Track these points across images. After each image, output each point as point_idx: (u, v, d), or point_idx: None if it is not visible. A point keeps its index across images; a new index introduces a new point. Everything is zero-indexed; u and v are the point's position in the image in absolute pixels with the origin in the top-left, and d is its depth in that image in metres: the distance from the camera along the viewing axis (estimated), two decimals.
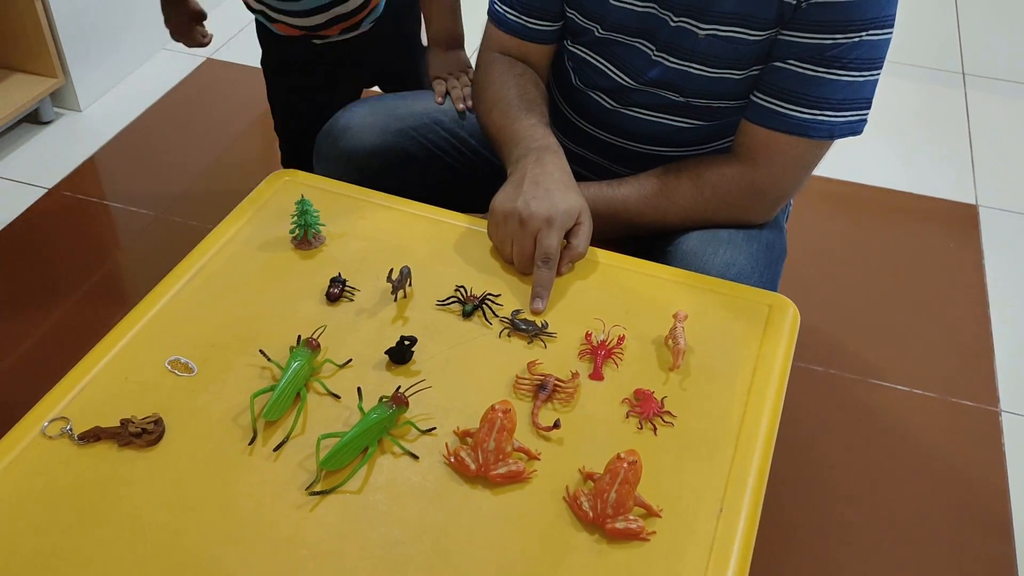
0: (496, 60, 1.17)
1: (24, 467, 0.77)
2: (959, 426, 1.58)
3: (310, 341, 0.86)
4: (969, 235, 2.01)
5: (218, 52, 2.51)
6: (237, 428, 0.80)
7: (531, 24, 1.13)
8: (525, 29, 1.13)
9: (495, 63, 1.16)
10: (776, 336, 0.91)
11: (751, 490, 0.77)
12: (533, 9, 1.12)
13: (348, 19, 1.37)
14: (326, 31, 1.39)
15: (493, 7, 1.16)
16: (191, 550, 0.71)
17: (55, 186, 2.02)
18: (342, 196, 1.07)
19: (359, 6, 1.37)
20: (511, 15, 1.13)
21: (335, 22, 1.36)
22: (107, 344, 0.87)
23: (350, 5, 1.35)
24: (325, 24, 1.37)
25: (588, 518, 0.74)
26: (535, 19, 1.12)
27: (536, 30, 1.13)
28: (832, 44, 0.95)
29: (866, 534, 1.41)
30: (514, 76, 1.14)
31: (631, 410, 0.83)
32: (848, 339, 1.74)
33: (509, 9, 1.13)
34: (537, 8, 1.11)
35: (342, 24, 1.37)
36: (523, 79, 1.14)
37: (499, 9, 1.15)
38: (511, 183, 1.00)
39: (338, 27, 1.38)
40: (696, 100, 1.07)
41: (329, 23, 1.36)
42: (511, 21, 1.13)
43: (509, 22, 1.14)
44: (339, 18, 1.36)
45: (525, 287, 0.96)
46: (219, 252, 0.98)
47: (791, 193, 1.07)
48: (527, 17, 1.12)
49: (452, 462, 0.78)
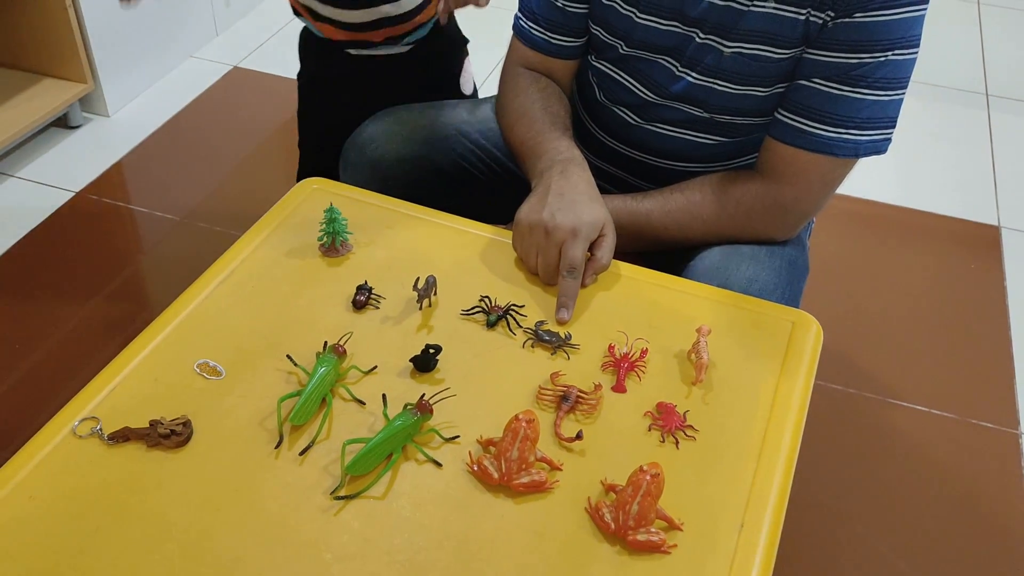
0: (520, 74, 1.18)
1: (54, 466, 0.78)
2: (978, 447, 1.57)
3: (336, 347, 0.87)
4: (991, 256, 2.00)
5: (245, 61, 2.54)
6: (263, 432, 0.81)
7: (555, 40, 1.14)
8: (549, 45, 1.15)
9: (519, 77, 1.18)
10: (799, 353, 0.92)
11: (772, 507, 0.77)
12: (557, 25, 1.13)
13: (395, 24, 1.34)
14: (370, 34, 1.36)
15: (518, 23, 1.17)
16: (217, 551, 0.72)
17: (82, 190, 2.05)
18: (370, 205, 1.08)
19: (408, 12, 1.35)
20: (536, 31, 1.14)
21: (382, 24, 1.34)
22: (137, 346, 0.88)
23: (400, 6, 1.33)
24: (371, 25, 1.34)
25: (610, 529, 0.74)
26: (559, 35, 1.13)
27: (560, 46, 1.14)
28: (858, 63, 0.95)
29: (883, 555, 1.40)
30: (538, 90, 1.15)
31: (653, 423, 0.84)
32: (867, 358, 1.73)
33: (534, 25, 1.14)
34: (561, 24, 1.13)
35: (388, 29, 1.35)
36: (547, 93, 1.15)
37: (523, 25, 1.16)
38: (536, 195, 1.01)
39: (383, 32, 1.35)
40: (720, 116, 1.08)
41: (375, 24, 1.34)
42: (535, 37, 1.15)
43: (533, 38, 1.15)
44: (386, 20, 1.34)
45: (549, 298, 0.96)
46: (248, 258, 0.99)
47: (815, 210, 1.07)
48: (551, 33, 1.14)
49: (475, 470, 0.78)
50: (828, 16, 0.94)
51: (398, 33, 1.36)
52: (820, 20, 0.95)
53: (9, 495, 0.75)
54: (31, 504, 0.75)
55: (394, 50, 1.39)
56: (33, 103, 2.11)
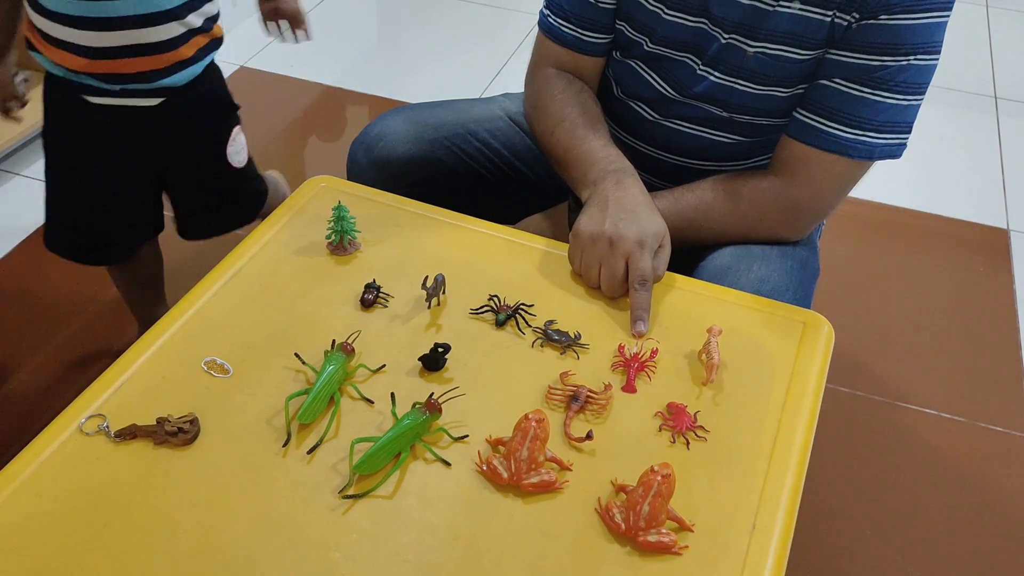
0: (553, 76, 1.16)
1: (61, 463, 0.77)
2: (988, 451, 1.56)
3: (344, 345, 0.86)
4: (1000, 259, 1.99)
5: (251, 61, 2.53)
6: (271, 430, 0.81)
7: (586, 37, 1.13)
8: (580, 42, 1.13)
9: (552, 79, 1.15)
10: (810, 354, 0.91)
11: (784, 509, 0.77)
12: (588, 21, 1.12)
13: (146, 54, 1.13)
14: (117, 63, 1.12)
15: (547, 21, 1.15)
16: (224, 550, 0.71)
17: None
18: (378, 203, 1.08)
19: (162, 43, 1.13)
20: (566, 28, 1.13)
21: (129, 53, 1.12)
22: (145, 343, 0.88)
23: (151, 34, 1.12)
24: (117, 52, 1.11)
25: (620, 530, 0.73)
26: (590, 32, 1.12)
27: (590, 42, 1.13)
28: (880, 66, 0.95)
29: (891, 559, 1.39)
30: (574, 94, 1.13)
31: (664, 424, 0.83)
32: (876, 361, 1.72)
33: (564, 22, 1.13)
34: (592, 20, 1.11)
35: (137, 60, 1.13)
36: (583, 96, 1.14)
37: (553, 23, 1.14)
38: (594, 206, 0.99)
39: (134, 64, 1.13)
40: (740, 116, 1.07)
41: (122, 52, 1.12)
42: (566, 34, 1.13)
43: (564, 35, 1.14)
44: (135, 49, 1.12)
45: (558, 297, 0.96)
46: (256, 255, 0.99)
47: (827, 211, 1.07)
48: (582, 30, 1.12)
49: (484, 470, 0.78)
50: (853, 18, 0.94)
51: (148, 69, 1.15)
52: (845, 22, 0.95)
53: (15, 493, 0.75)
54: (37, 502, 0.74)
55: (142, 102, 1.18)
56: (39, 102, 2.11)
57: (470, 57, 2.60)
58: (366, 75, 2.50)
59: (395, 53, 2.64)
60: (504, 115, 1.28)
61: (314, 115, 2.36)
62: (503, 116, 1.28)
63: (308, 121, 2.34)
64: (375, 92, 2.43)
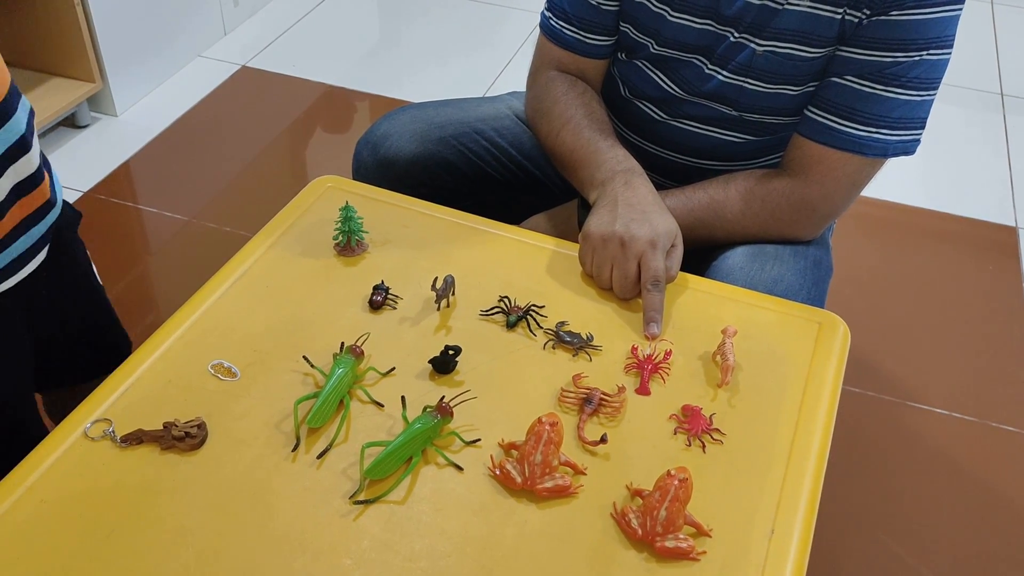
0: (556, 78, 1.14)
1: (66, 468, 0.76)
2: (998, 450, 1.55)
3: (354, 348, 0.85)
4: (1009, 257, 1.97)
5: (253, 60, 2.52)
6: (280, 434, 0.79)
7: (589, 39, 1.11)
8: (582, 45, 1.12)
9: (555, 81, 1.14)
10: (826, 354, 0.89)
11: (803, 512, 0.75)
12: (590, 24, 1.10)
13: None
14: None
15: (548, 23, 1.14)
16: (232, 556, 0.70)
17: (90, 189, 2.04)
18: (385, 204, 1.06)
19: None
20: (568, 30, 1.12)
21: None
22: (150, 346, 0.86)
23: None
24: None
25: (637, 536, 0.72)
26: (592, 34, 1.11)
27: (593, 45, 1.12)
28: (892, 62, 0.93)
29: (901, 558, 1.38)
30: (577, 95, 1.12)
31: (679, 426, 0.82)
32: (886, 360, 1.71)
33: (566, 25, 1.11)
34: (595, 23, 1.10)
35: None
36: (587, 97, 1.12)
37: (555, 25, 1.13)
38: (604, 207, 0.97)
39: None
40: (749, 115, 1.06)
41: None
42: (568, 37, 1.12)
43: (566, 38, 1.12)
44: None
45: (569, 298, 0.94)
46: (262, 257, 0.98)
47: (841, 210, 1.05)
48: (584, 32, 1.11)
49: (497, 475, 0.76)
50: (864, 14, 0.92)
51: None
52: (856, 18, 0.93)
53: (20, 498, 0.73)
54: (42, 507, 0.73)
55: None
56: (41, 102, 2.10)
57: (473, 55, 2.59)
58: (369, 74, 2.49)
59: (397, 52, 2.62)
60: (511, 114, 1.27)
61: (316, 115, 2.35)
62: (510, 115, 1.27)
63: (311, 121, 2.33)
64: (378, 91, 2.42)
